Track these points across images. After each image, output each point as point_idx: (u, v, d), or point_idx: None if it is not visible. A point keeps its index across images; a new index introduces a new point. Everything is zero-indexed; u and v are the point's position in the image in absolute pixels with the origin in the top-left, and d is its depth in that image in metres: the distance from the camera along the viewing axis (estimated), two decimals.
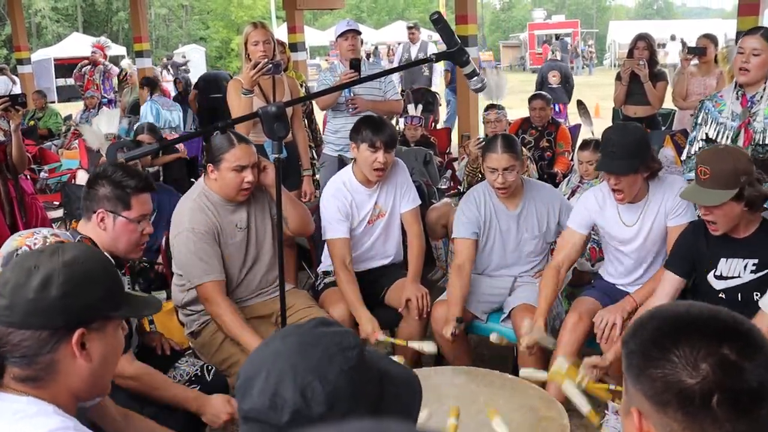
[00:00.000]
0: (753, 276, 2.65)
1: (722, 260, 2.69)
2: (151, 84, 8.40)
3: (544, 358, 3.06)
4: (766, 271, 2.62)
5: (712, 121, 3.33)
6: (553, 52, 14.72)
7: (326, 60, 15.32)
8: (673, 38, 24.84)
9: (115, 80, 10.37)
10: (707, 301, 2.64)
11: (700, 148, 3.31)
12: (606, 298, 3.12)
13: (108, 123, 7.03)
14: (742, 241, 2.66)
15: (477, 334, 3.53)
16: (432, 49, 9.69)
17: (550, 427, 2.24)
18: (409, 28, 10.52)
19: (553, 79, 9.59)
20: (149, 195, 2.42)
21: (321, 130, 6.18)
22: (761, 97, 3.20)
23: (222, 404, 2.30)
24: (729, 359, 0.95)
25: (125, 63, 13.44)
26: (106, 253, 2.05)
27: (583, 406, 2.19)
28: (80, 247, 1.54)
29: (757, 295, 2.62)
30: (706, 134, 3.32)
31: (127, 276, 2.63)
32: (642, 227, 3.05)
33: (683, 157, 3.62)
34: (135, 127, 6.41)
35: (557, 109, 9.79)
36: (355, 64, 4.35)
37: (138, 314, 2.15)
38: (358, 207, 3.40)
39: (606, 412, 3.01)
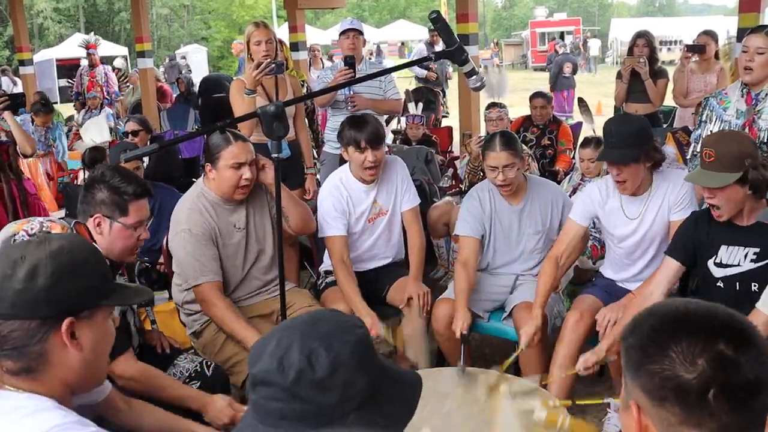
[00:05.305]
0: (753, 265, 2.64)
1: (723, 247, 2.68)
2: None
3: (545, 360, 3.07)
4: (766, 261, 2.61)
5: (716, 119, 3.33)
6: (557, 53, 17.44)
7: (328, 59, 15.31)
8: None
9: (115, 83, 10.40)
10: (707, 289, 2.67)
11: None
12: (607, 296, 3.12)
13: (99, 132, 7.03)
14: (744, 229, 2.65)
15: (478, 333, 3.53)
16: None
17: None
18: (431, 30, 10.69)
19: (567, 69, 11.94)
20: (147, 201, 2.40)
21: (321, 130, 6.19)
22: (766, 95, 3.20)
23: (223, 406, 2.28)
24: (725, 354, 0.98)
25: (118, 62, 13.46)
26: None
27: None
28: (67, 237, 1.55)
29: (755, 285, 2.61)
30: (711, 132, 3.31)
31: (125, 276, 2.63)
32: (644, 220, 3.04)
33: (688, 155, 3.61)
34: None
35: (569, 94, 11.70)
36: (349, 62, 4.36)
37: (128, 302, 2.14)
38: (354, 203, 3.40)
39: (608, 410, 3.01)
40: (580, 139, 5.03)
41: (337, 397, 1.04)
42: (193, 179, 5.50)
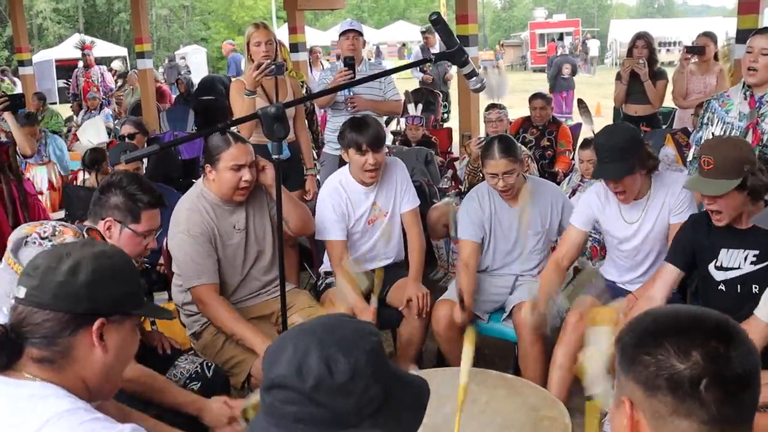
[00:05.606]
0: (753, 267, 2.64)
1: (723, 251, 2.69)
2: None
3: (545, 360, 3.07)
4: (766, 263, 2.62)
5: (718, 121, 3.31)
6: (558, 54, 17.41)
7: (327, 60, 15.33)
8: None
9: (111, 82, 10.41)
10: (708, 292, 2.68)
11: None
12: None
13: (97, 134, 7.01)
14: (743, 232, 2.65)
15: (479, 334, 3.53)
16: None
17: (552, 426, 2.24)
18: (423, 32, 10.62)
19: (566, 70, 12.23)
20: (159, 212, 2.43)
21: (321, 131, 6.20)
22: None
23: (220, 407, 2.27)
24: (717, 349, 1.03)
25: (116, 64, 13.47)
26: None
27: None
28: (110, 245, 1.66)
29: (755, 287, 2.62)
30: (713, 134, 3.31)
31: None
32: (643, 224, 3.05)
33: (689, 158, 3.61)
34: None
35: (568, 95, 11.85)
36: (349, 63, 4.36)
37: (154, 316, 2.17)
38: (354, 206, 3.40)
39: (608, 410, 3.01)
40: (580, 140, 5.04)
41: (354, 403, 1.06)
42: (193, 180, 5.50)
